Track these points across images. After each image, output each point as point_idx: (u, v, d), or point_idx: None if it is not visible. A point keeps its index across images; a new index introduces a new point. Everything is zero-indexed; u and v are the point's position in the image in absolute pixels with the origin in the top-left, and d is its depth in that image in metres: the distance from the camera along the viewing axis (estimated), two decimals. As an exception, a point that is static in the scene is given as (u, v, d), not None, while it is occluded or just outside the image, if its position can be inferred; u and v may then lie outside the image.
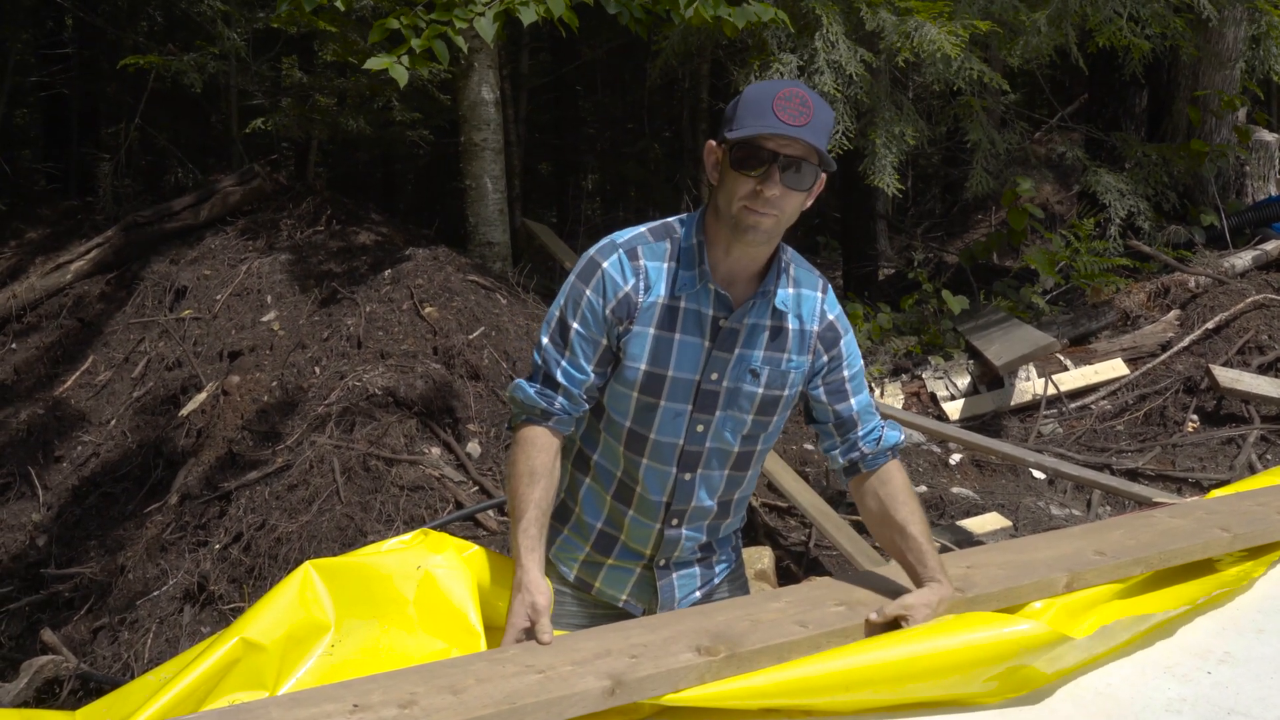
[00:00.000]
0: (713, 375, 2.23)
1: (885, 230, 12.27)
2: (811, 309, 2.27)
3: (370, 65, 4.92)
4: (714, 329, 2.20)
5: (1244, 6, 8.26)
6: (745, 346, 2.23)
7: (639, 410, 2.26)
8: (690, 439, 2.28)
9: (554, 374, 2.22)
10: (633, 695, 1.83)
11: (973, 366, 7.46)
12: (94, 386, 6.96)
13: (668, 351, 2.20)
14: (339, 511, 5.07)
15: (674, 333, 2.20)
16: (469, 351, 6.11)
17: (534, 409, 2.23)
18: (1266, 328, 7.46)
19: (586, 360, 2.21)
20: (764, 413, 2.29)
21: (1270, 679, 2.07)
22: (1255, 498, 2.72)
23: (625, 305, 2.19)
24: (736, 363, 2.23)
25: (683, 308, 2.20)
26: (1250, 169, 9.03)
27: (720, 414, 2.26)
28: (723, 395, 2.25)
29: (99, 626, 5.15)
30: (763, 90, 2.07)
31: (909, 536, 2.21)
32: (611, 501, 2.38)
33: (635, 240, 2.22)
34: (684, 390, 2.23)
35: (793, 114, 2.02)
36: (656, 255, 2.21)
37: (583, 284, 2.21)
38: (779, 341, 2.25)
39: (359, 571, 2.12)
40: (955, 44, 6.79)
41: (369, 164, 14.53)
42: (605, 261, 2.20)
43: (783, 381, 2.27)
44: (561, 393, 2.22)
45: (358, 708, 1.70)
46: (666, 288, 2.19)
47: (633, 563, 2.41)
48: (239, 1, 8.94)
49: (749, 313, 2.21)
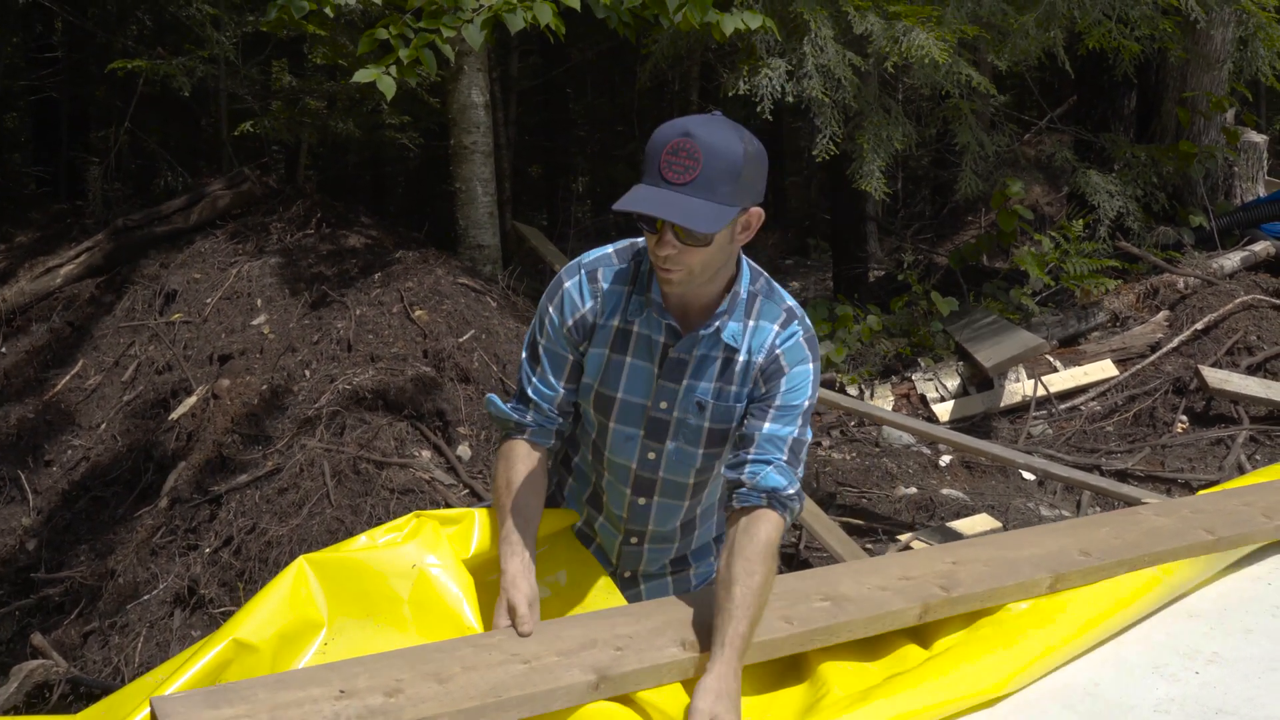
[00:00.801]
0: (661, 404, 2.23)
1: (875, 232, 12.27)
2: (762, 342, 2.19)
3: (358, 78, 4.92)
4: (663, 356, 2.20)
5: (1232, 8, 8.29)
6: (693, 378, 2.21)
7: (598, 427, 2.31)
8: (642, 465, 2.30)
9: (526, 390, 2.27)
10: (617, 689, 1.84)
11: (962, 368, 7.47)
12: (84, 390, 6.94)
13: (618, 374, 2.22)
14: (329, 514, 5.07)
15: (625, 355, 2.22)
16: (459, 354, 6.11)
17: (508, 423, 2.28)
18: (1255, 328, 7.49)
19: (556, 376, 2.24)
20: (713, 445, 2.28)
21: (1258, 679, 2.08)
22: (1241, 497, 2.72)
23: (582, 325, 2.21)
24: (684, 394, 2.22)
25: (635, 332, 2.20)
26: (1239, 170, 9.06)
27: (671, 444, 2.27)
28: (673, 425, 2.25)
29: (89, 631, 5.13)
30: (659, 139, 1.99)
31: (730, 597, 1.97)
32: (587, 507, 2.45)
33: (599, 261, 2.23)
34: (634, 415, 2.25)
35: (678, 170, 1.95)
36: (617, 278, 2.21)
37: (548, 303, 2.24)
38: (727, 375, 2.21)
39: (353, 568, 2.12)
40: (943, 49, 6.80)
41: (359, 167, 14.53)
42: (568, 282, 2.22)
43: (729, 415, 2.24)
44: (532, 408, 2.26)
45: (344, 693, 1.70)
46: (621, 311, 2.20)
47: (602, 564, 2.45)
48: (228, 5, 8.93)
49: (698, 344, 2.18)
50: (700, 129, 1.97)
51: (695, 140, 1.95)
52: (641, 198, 1.96)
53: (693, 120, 2.00)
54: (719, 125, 2.00)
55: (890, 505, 6.01)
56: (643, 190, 1.97)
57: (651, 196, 1.96)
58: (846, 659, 2.05)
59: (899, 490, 6.18)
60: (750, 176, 2.00)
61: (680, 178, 1.94)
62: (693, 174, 1.94)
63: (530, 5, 4.99)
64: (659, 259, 2.03)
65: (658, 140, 1.99)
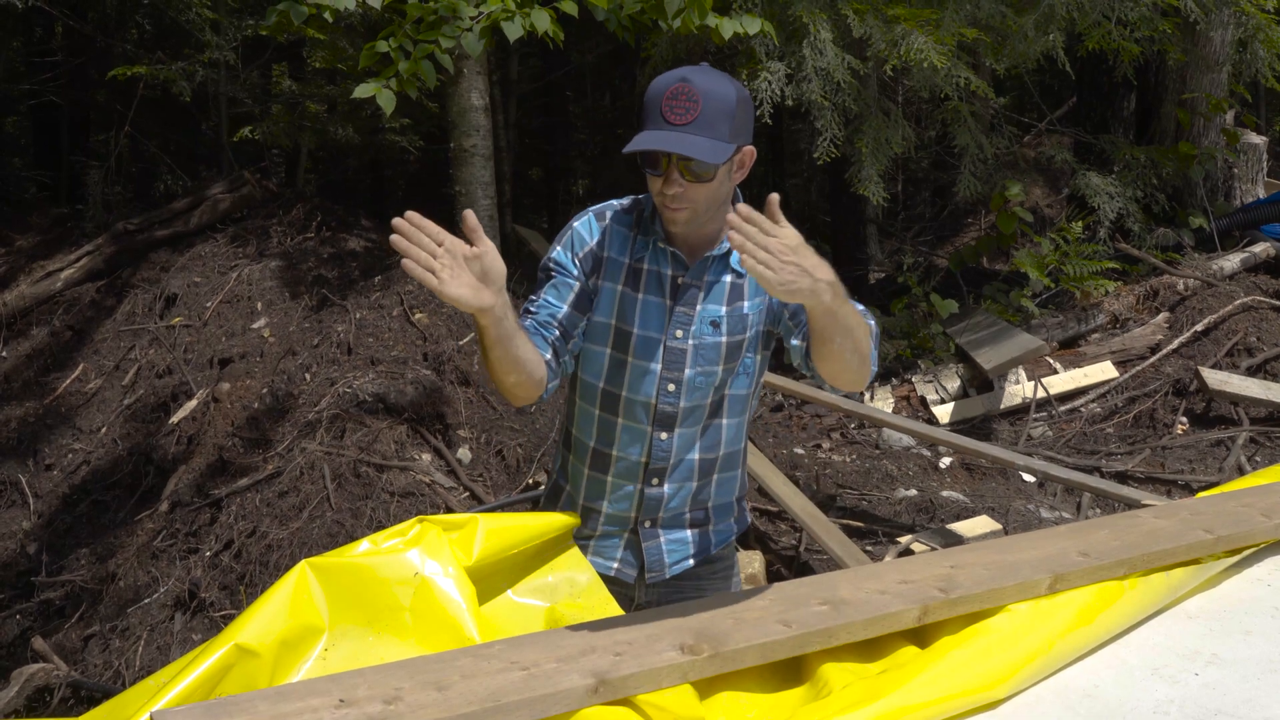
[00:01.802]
0: (677, 333, 2.33)
1: (875, 234, 12.29)
2: None
3: (358, 93, 4.93)
4: (674, 287, 2.33)
5: (1231, 10, 8.29)
6: (707, 301, 2.33)
7: (611, 368, 2.37)
8: (663, 398, 2.37)
9: (528, 307, 2.33)
10: (616, 693, 1.84)
11: (962, 370, 7.48)
12: (84, 394, 6.95)
13: (632, 309, 2.33)
14: (330, 518, 5.07)
15: (638, 292, 2.33)
16: (459, 357, 6.12)
17: None
18: (1255, 330, 7.49)
19: (559, 300, 2.31)
20: (730, 359, 2.37)
21: (1258, 680, 2.07)
22: (1240, 498, 2.72)
23: (592, 258, 2.34)
24: (699, 318, 2.33)
25: (645, 269, 2.33)
26: (1238, 171, 9.07)
27: (690, 371, 2.35)
28: (690, 352, 2.34)
29: (90, 634, 5.14)
30: (657, 88, 2.16)
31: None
32: (589, 473, 2.47)
33: (607, 207, 2.39)
34: (651, 348, 2.34)
35: (679, 112, 2.11)
36: (622, 222, 2.36)
37: (556, 243, 2.37)
38: (737, 292, 2.34)
39: (355, 573, 2.12)
40: (942, 53, 6.80)
41: (359, 170, 14.55)
42: (577, 222, 2.37)
43: (742, 326, 2.35)
44: (532, 317, 2.29)
45: (344, 702, 1.71)
46: (628, 250, 2.34)
47: (618, 529, 2.48)
48: (228, 9, 8.94)
49: (707, 270, 2.32)
50: (695, 75, 2.14)
51: (692, 84, 2.12)
52: (650, 138, 2.12)
53: (686, 69, 2.17)
54: (711, 72, 2.18)
55: (890, 507, 6.01)
56: (648, 133, 2.13)
57: (658, 137, 2.11)
58: (847, 660, 2.05)
59: (899, 492, 6.18)
60: (743, 117, 2.18)
61: (682, 118, 2.11)
62: (693, 114, 2.11)
63: (528, 12, 5.00)
64: (666, 198, 2.18)
65: (657, 88, 2.16)
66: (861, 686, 1.92)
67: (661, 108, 2.13)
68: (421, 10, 5.00)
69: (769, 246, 1.87)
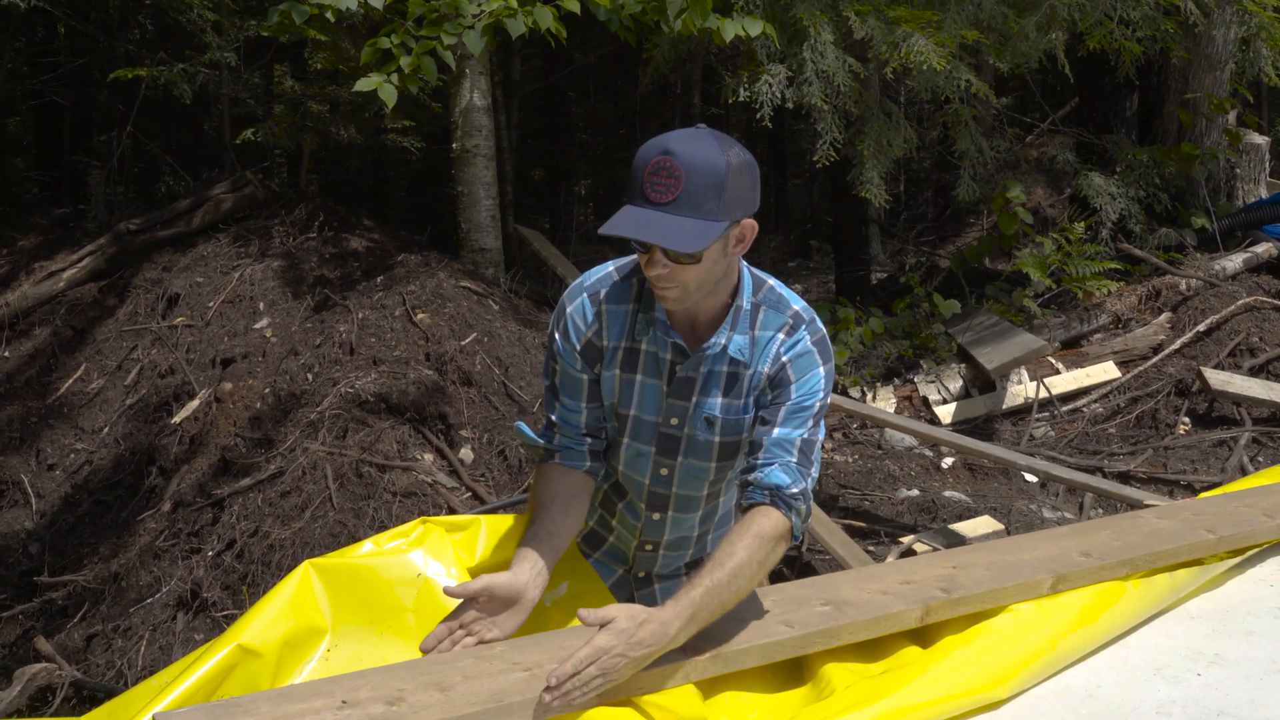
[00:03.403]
0: (672, 420, 2.24)
1: (877, 234, 12.28)
2: (770, 351, 2.19)
3: (359, 87, 4.92)
4: (671, 373, 2.21)
5: (1234, 9, 8.29)
6: (702, 394, 2.21)
7: (613, 444, 2.32)
8: (655, 481, 2.32)
9: (551, 416, 2.29)
10: (619, 693, 1.84)
11: (964, 370, 7.47)
12: (87, 394, 6.95)
13: (629, 392, 2.24)
14: (332, 518, 5.07)
15: (635, 374, 2.23)
16: (461, 357, 6.12)
17: (537, 448, 2.31)
18: (1258, 330, 7.49)
19: (574, 398, 2.25)
20: (725, 459, 2.29)
21: (1260, 681, 2.08)
22: (1242, 499, 2.72)
23: (592, 349, 2.22)
24: (694, 410, 2.23)
25: (643, 350, 2.21)
26: (1241, 172, 9.06)
27: (683, 460, 2.28)
28: (684, 441, 2.26)
29: (92, 634, 5.14)
30: (640, 159, 1.98)
31: (702, 569, 1.97)
32: (600, 511, 2.46)
33: (600, 282, 2.23)
34: (647, 432, 2.26)
35: (660, 189, 1.94)
36: (620, 297, 2.21)
37: (555, 329, 2.25)
38: (735, 388, 2.21)
39: (358, 573, 2.12)
40: (943, 55, 6.79)
41: (361, 171, 14.53)
42: (570, 305, 2.23)
43: (739, 428, 2.25)
44: (558, 431, 2.27)
45: (346, 704, 1.71)
46: (627, 331, 2.20)
47: (615, 564, 2.48)
48: (230, 10, 8.94)
49: (704, 362, 2.19)
50: (680, 145, 1.95)
51: (675, 158, 1.94)
52: (626, 220, 1.95)
53: (674, 137, 1.98)
54: (701, 139, 1.98)
55: (892, 507, 6.01)
56: (628, 212, 1.97)
57: (635, 218, 1.95)
58: (849, 660, 2.05)
59: (901, 492, 6.18)
60: (737, 189, 1.98)
61: (663, 197, 1.94)
62: (675, 192, 1.93)
63: (530, 10, 4.99)
64: (652, 279, 2.05)
65: (640, 160, 1.98)
66: (864, 686, 1.92)
67: (643, 183, 1.96)
68: (424, 8, 5.00)
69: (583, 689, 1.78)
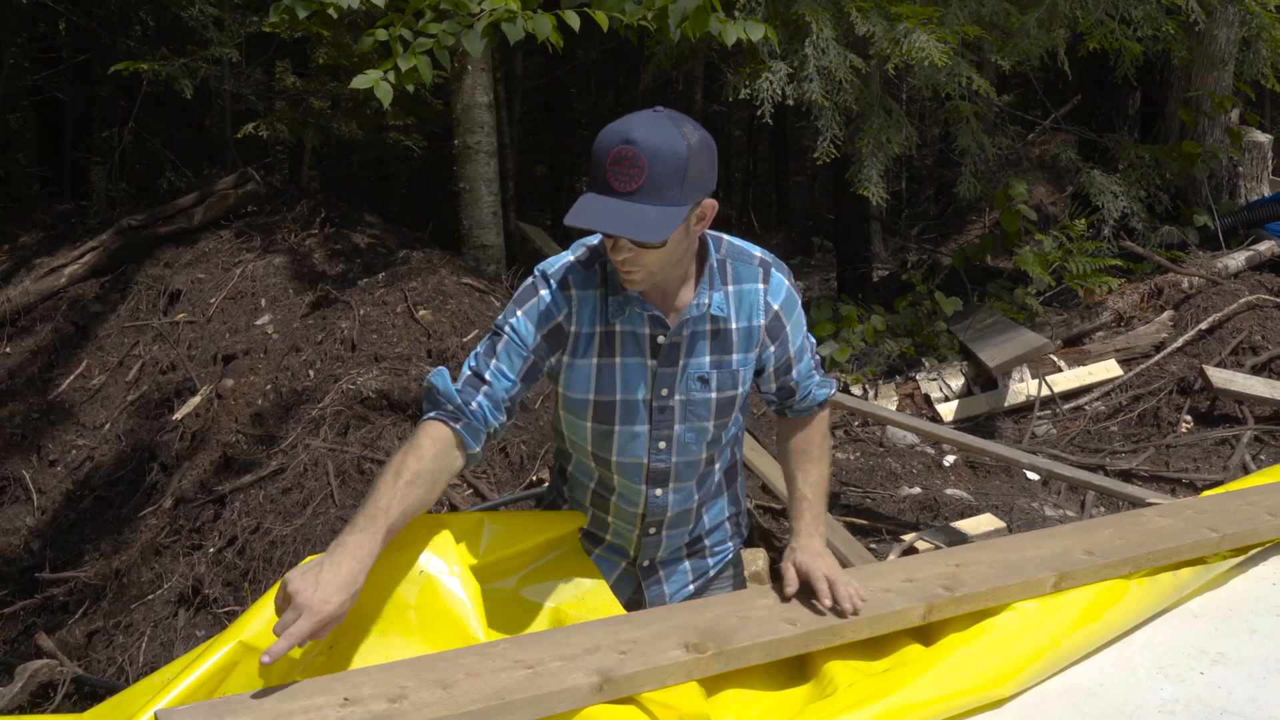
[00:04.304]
0: (662, 391, 2.23)
1: (879, 232, 12.28)
2: (753, 303, 2.23)
3: (356, 84, 4.90)
4: (654, 347, 2.20)
5: (1235, 8, 8.28)
6: (689, 356, 2.22)
7: (597, 437, 2.29)
8: (654, 457, 2.30)
9: (482, 371, 2.16)
10: (621, 691, 1.84)
11: (966, 368, 7.47)
12: (88, 390, 6.96)
13: (611, 377, 2.21)
14: (333, 514, 5.07)
15: (615, 357, 2.20)
16: (463, 354, 6.12)
17: (448, 402, 2.13)
18: (1260, 328, 7.48)
19: (512, 370, 2.16)
20: (722, 415, 2.31)
21: (1263, 679, 2.07)
22: (1245, 497, 2.72)
23: (557, 335, 2.18)
24: (683, 374, 2.23)
25: (619, 331, 2.19)
26: (1243, 170, 9.06)
27: (679, 427, 2.28)
28: (678, 409, 2.25)
29: (94, 630, 5.14)
30: (601, 146, 1.97)
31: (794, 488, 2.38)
32: (591, 509, 2.45)
33: (564, 270, 2.20)
34: (635, 412, 2.24)
35: (623, 179, 1.94)
36: (586, 283, 2.18)
37: (517, 307, 2.19)
38: (722, 343, 2.23)
39: None
40: (944, 50, 6.79)
41: (363, 167, 14.54)
42: (541, 290, 2.18)
43: (734, 381, 2.27)
44: (484, 392, 2.14)
45: (348, 701, 1.71)
46: (599, 315, 2.18)
47: (617, 558, 2.47)
48: (231, 6, 8.94)
49: (686, 324, 2.19)
50: (641, 133, 1.95)
51: (637, 147, 1.93)
52: (589, 210, 1.94)
53: (634, 122, 1.97)
54: (661, 124, 1.97)
55: (894, 505, 6.01)
56: (591, 201, 1.96)
57: (599, 208, 1.94)
58: (852, 658, 2.05)
59: (903, 490, 6.18)
60: (697, 172, 1.98)
61: (626, 186, 1.93)
62: (638, 182, 1.93)
63: (530, 15, 4.99)
64: (617, 263, 2.05)
65: (600, 148, 1.97)
66: (867, 684, 1.92)
67: (606, 172, 1.95)
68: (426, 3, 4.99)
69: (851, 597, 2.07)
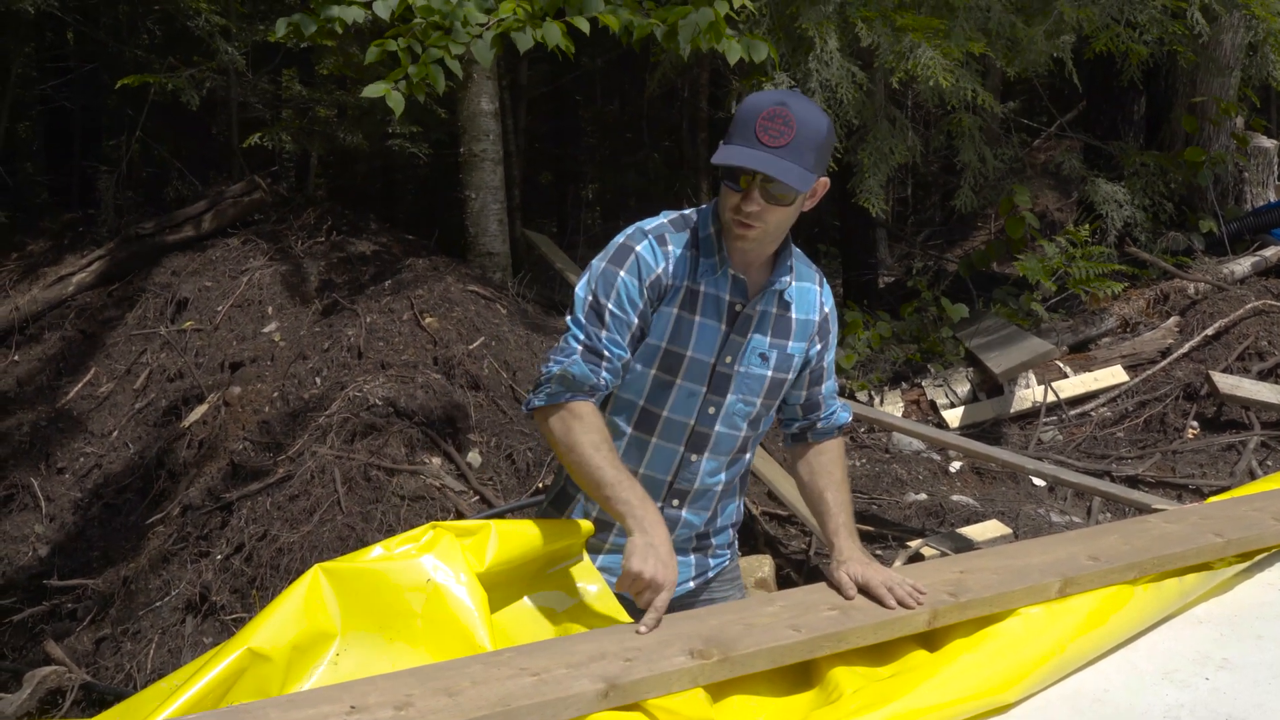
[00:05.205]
0: (727, 358, 2.36)
1: (884, 238, 12.29)
2: (812, 301, 2.44)
3: (368, 93, 4.92)
4: (730, 314, 2.34)
5: (1241, 13, 8.28)
6: (757, 331, 2.37)
7: (654, 388, 2.37)
8: (701, 420, 2.39)
9: (598, 347, 2.28)
10: (626, 698, 1.84)
11: (972, 374, 7.47)
12: (96, 398, 6.97)
13: (688, 332, 2.33)
14: (340, 522, 5.08)
15: (694, 315, 2.33)
16: (469, 361, 6.13)
17: (584, 384, 2.28)
18: (1266, 334, 7.47)
19: (622, 337, 2.30)
20: (770, 396, 2.44)
21: (1269, 685, 2.07)
22: (1251, 503, 2.72)
23: (657, 287, 2.31)
24: (748, 346, 2.36)
25: (703, 292, 2.32)
26: (1249, 175, 9.06)
27: (732, 397, 2.39)
28: (735, 379, 2.37)
29: (102, 637, 5.15)
30: (753, 106, 2.17)
31: (825, 505, 2.44)
32: None
33: (662, 228, 2.34)
34: (700, 371, 2.35)
35: (774, 135, 2.13)
36: (680, 243, 2.33)
37: (616, 267, 2.31)
38: (782, 328, 2.40)
39: (368, 578, 2.11)
40: (948, 69, 6.77)
41: (369, 175, 14.53)
42: (639, 245, 2.31)
43: (787, 365, 2.42)
44: (605, 365, 2.29)
45: (355, 709, 1.71)
46: (689, 272, 2.31)
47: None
48: (238, 15, 8.96)
49: (762, 300, 2.35)
50: (793, 100, 2.17)
51: (790, 109, 2.14)
52: (742, 154, 2.14)
53: (784, 92, 2.20)
54: (806, 100, 2.21)
55: (900, 511, 6.01)
56: (739, 149, 2.15)
57: (751, 155, 2.13)
58: (857, 664, 2.05)
59: (909, 496, 6.18)
60: (827, 149, 2.22)
61: (775, 141, 2.13)
62: (787, 139, 2.13)
63: (540, 23, 4.99)
64: (741, 215, 2.20)
65: (752, 105, 2.17)
66: (872, 690, 1.92)
67: (756, 127, 2.14)
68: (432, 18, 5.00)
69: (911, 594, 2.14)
